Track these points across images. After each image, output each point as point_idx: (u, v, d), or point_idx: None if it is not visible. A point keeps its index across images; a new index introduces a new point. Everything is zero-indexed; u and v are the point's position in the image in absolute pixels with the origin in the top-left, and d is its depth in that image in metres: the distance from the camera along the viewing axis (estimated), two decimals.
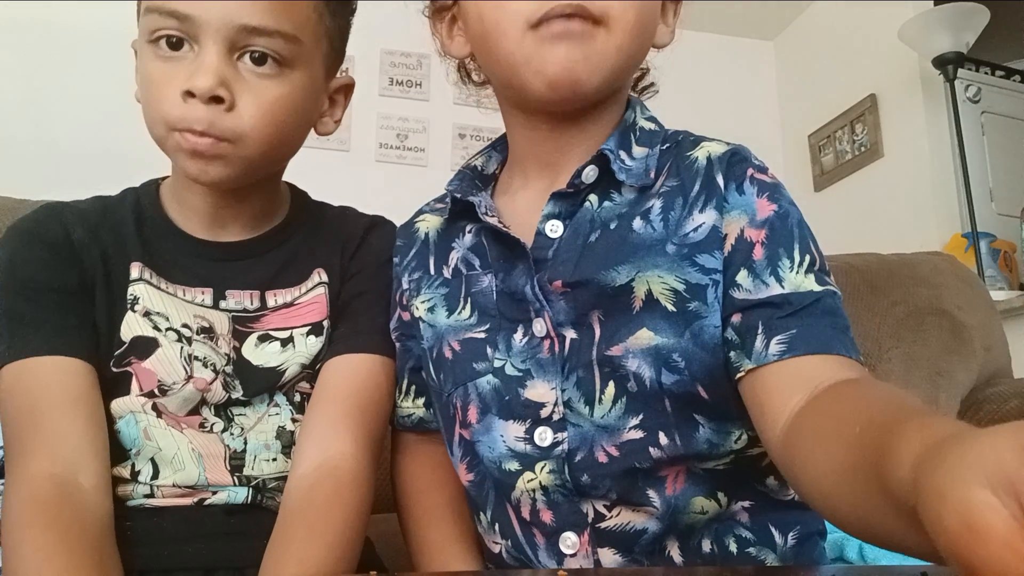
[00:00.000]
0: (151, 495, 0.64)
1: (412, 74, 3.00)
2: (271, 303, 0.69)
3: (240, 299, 0.68)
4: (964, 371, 1.44)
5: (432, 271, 0.67)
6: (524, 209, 0.61)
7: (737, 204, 0.55)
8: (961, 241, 2.38)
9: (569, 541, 0.56)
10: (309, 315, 0.69)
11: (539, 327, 0.58)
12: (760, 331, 0.51)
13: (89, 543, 0.54)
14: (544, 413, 0.57)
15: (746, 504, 0.58)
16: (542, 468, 0.56)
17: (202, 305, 0.67)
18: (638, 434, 0.54)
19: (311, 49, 0.64)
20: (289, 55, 0.61)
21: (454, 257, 0.65)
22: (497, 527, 0.60)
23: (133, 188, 0.72)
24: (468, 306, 0.62)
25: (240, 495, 0.65)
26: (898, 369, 1.42)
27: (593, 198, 0.59)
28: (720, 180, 0.56)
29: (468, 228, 0.65)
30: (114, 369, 0.63)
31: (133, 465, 0.64)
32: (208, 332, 0.66)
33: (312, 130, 0.70)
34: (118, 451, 0.63)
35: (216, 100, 0.59)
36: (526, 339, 0.58)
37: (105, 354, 0.64)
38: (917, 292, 1.50)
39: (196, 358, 0.65)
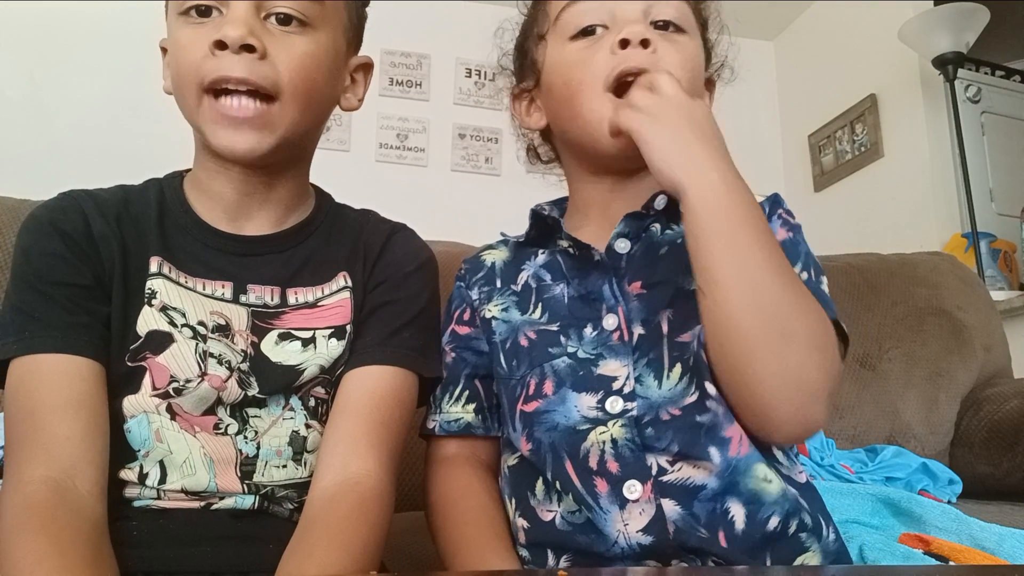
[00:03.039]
0: (158, 497, 0.63)
1: (412, 74, 3.00)
2: (292, 301, 0.69)
3: (261, 294, 0.68)
4: (964, 371, 1.44)
5: (499, 286, 0.76)
6: (586, 240, 0.70)
7: None
8: (961, 241, 2.38)
9: (634, 488, 0.61)
10: (333, 318, 0.69)
11: (610, 322, 0.67)
12: None
13: (83, 547, 0.54)
14: (616, 386, 0.64)
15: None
16: (613, 423, 0.63)
17: (221, 299, 0.67)
18: (695, 396, 0.62)
19: (332, 16, 0.67)
20: (313, 15, 0.65)
21: (523, 276, 0.75)
22: (558, 484, 0.64)
23: (157, 179, 0.72)
24: (539, 309, 0.71)
25: (247, 502, 0.65)
26: (898, 369, 1.42)
27: (656, 225, 0.71)
28: (766, 210, 0.70)
29: (540, 252, 0.76)
30: (129, 364, 0.63)
31: (141, 467, 0.63)
32: (224, 330, 0.66)
33: (338, 107, 0.73)
34: (126, 452, 0.63)
35: (248, 49, 0.60)
36: (596, 332, 0.67)
37: (119, 349, 0.63)
38: (917, 292, 1.50)
39: (211, 355, 0.64)
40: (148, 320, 0.64)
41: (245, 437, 0.65)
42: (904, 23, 2.45)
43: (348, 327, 0.69)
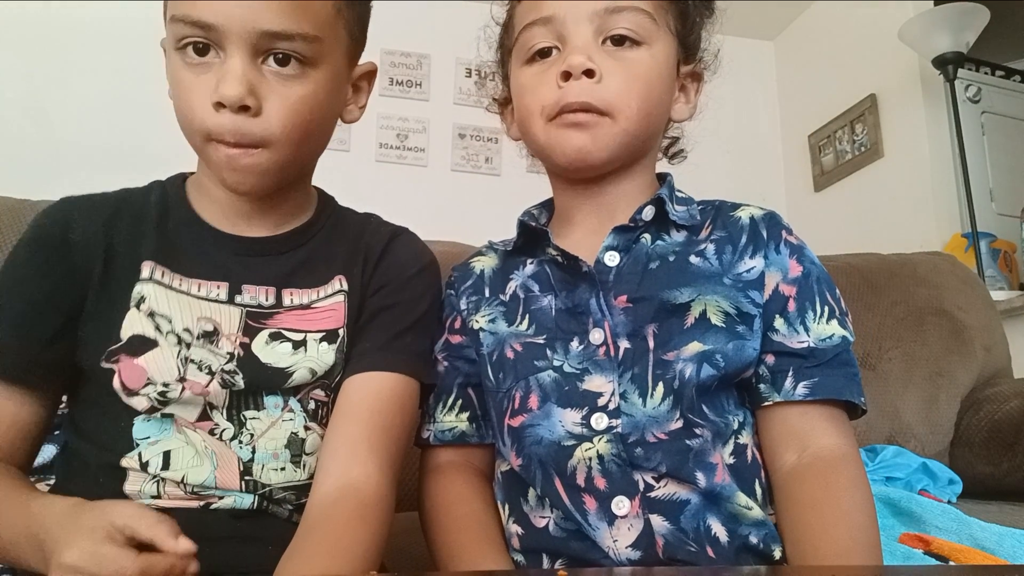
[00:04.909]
0: (158, 495, 0.63)
1: (412, 74, 3.00)
2: (287, 302, 0.69)
3: (256, 294, 0.68)
4: (964, 371, 1.44)
5: (488, 295, 0.75)
6: (575, 248, 0.70)
7: (775, 261, 0.68)
8: (961, 241, 2.38)
9: (622, 504, 0.61)
10: (325, 321, 0.69)
11: (597, 336, 0.66)
12: (790, 375, 0.65)
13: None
14: (601, 402, 0.64)
15: None
16: (600, 439, 0.63)
17: (216, 300, 0.67)
18: (680, 423, 0.63)
19: (332, 45, 0.66)
20: (311, 54, 0.63)
21: (512, 285, 0.74)
22: (547, 501, 0.65)
23: (160, 181, 0.73)
24: (526, 320, 0.71)
25: (246, 501, 0.65)
26: (898, 369, 1.42)
27: (647, 236, 0.71)
28: (764, 234, 0.69)
29: (528, 261, 0.75)
30: (103, 364, 0.63)
31: (140, 455, 0.63)
32: (209, 336, 0.66)
33: (340, 120, 0.73)
34: (125, 442, 0.63)
35: (243, 108, 0.60)
36: (582, 347, 0.66)
37: (98, 349, 0.64)
38: (917, 292, 1.50)
39: (192, 361, 0.64)
40: (134, 324, 0.64)
41: (240, 442, 0.65)
42: (904, 23, 2.45)
43: (341, 331, 0.69)
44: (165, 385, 0.63)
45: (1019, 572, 0.57)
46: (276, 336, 0.67)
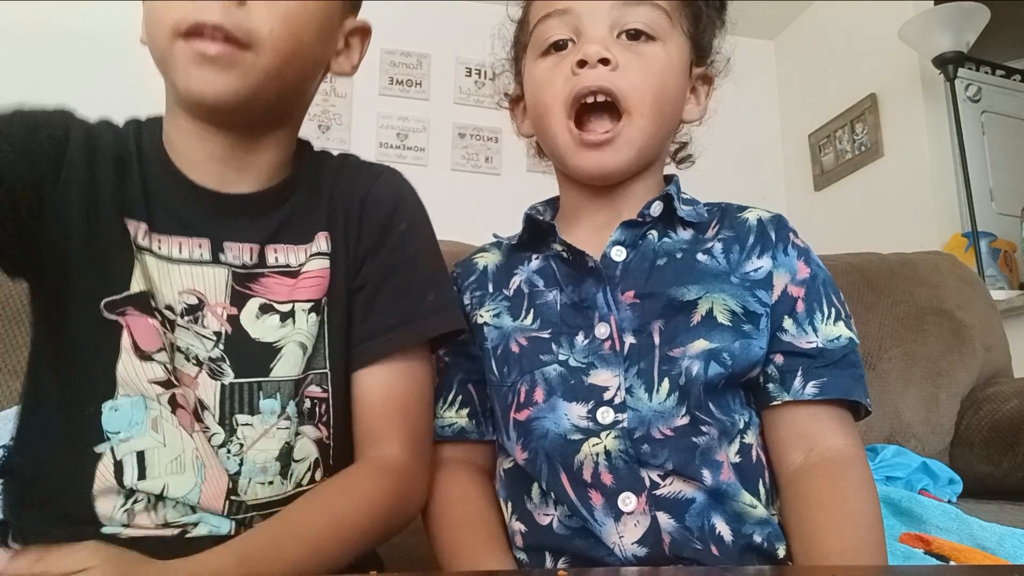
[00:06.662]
0: (126, 524, 0.57)
1: (412, 74, 3.00)
2: (271, 260, 0.65)
3: (239, 253, 0.64)
4: (964, 371, 1.44)
5: (492, 290, 0.75)
6: (581, 244, 0.70)
7: (783, 263, 0.69)
8: (961, 241, 2.38)
9: (628, 500, 0.61)
10: (311, 290, 0.66)
11: (602, 330, 0.66)
12: (800, 375, 0.65)
13: None
14: (607, 396, 0.64)
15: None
16: (607, 435, 0.63)
17: (199, 261, 0.62)
18: (687, 419, 0.63)
19: None
20: None
21: (516, 280, 0.74)
22: (552, 495, 0.64)
23: (138, 121, 0.68)
24: (531, 315, 0.71)
25: (224, 527, 0.59)
26: (898, 369, 1.42)
27: (654, 233, 0.71)
28: (772, 236, 0.70)
29: (533, 256, 0.75)
30: (106, 313, 0.58)
31: (113, 452, 0.57)
32: (194, 311, 0.61)
33: (330, 72, 0.69)
34: (94, 432, 0.57)
35: None
36: (587, 341, 0.66)
37: (89, 287, 0.58)
38: (917, 292, 1.50)
39: (178, 349, 0.60)
40: (139, 281, 0.59)
41: (229, 451, 0.60)
42: (904, 23, 2.45)
43: (323, 301, 0.66)
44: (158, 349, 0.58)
45: (1019, 572, 0.57)
46: (266, 308, 0.64)
